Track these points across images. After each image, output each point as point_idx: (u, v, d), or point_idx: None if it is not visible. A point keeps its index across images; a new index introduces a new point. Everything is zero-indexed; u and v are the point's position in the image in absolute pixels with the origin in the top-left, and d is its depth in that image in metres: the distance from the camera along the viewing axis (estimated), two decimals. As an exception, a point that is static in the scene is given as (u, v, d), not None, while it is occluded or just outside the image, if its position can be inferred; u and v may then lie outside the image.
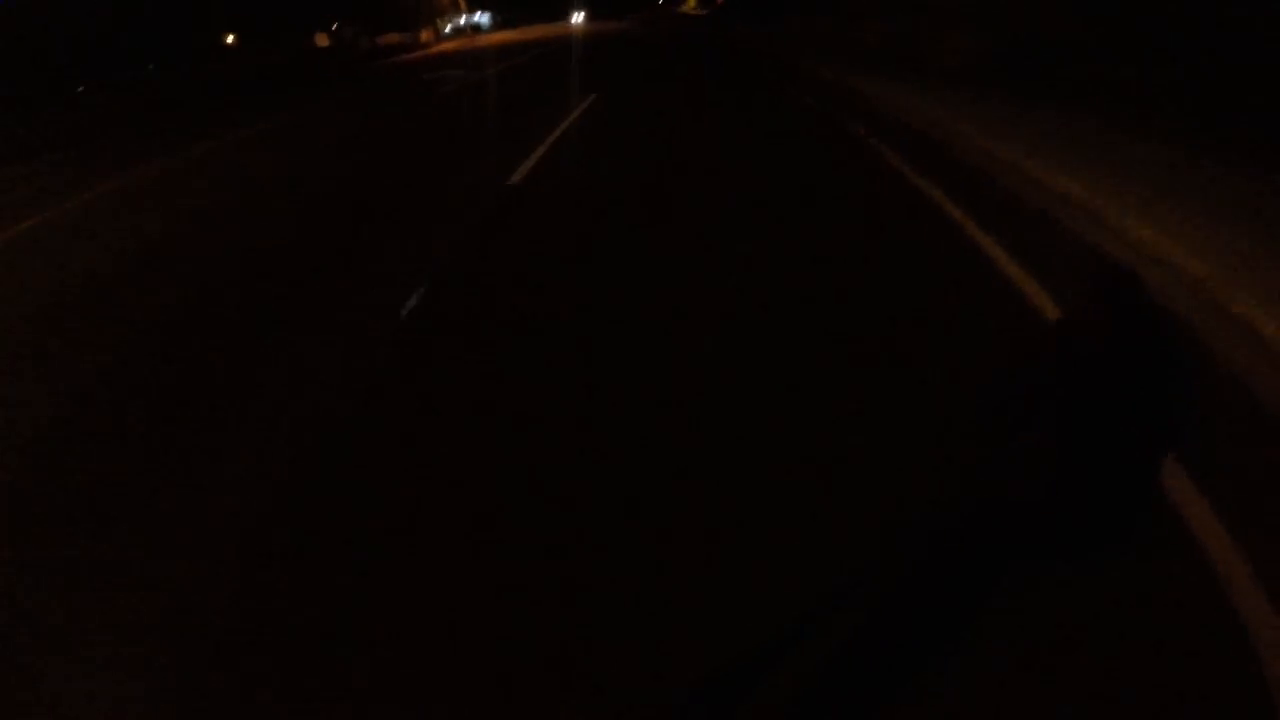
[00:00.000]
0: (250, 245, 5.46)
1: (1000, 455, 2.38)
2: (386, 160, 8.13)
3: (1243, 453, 2.33)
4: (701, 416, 2.69)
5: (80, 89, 30.05)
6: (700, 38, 24.03)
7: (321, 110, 13.53)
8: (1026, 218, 4.60)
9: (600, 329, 3.49)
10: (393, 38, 34.60)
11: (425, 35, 36.94)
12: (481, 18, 50.52)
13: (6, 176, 10.04)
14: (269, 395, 3.20)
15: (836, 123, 8.08)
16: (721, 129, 8.32)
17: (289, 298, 4.32)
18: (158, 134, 12.73)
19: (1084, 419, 2.41)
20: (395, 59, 28.13)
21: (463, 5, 48.95)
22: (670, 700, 1.67)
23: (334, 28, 35.51)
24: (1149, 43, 8.16)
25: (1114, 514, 2.13)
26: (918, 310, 3.41)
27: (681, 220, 5.03)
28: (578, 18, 47.36)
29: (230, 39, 45.40)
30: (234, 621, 2.04)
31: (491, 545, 2.20)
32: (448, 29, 44.56)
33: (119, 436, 3.05)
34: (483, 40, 35.18)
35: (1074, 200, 4.52)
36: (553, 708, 1.70)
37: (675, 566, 2.04)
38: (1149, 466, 2.24)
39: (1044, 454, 2.32)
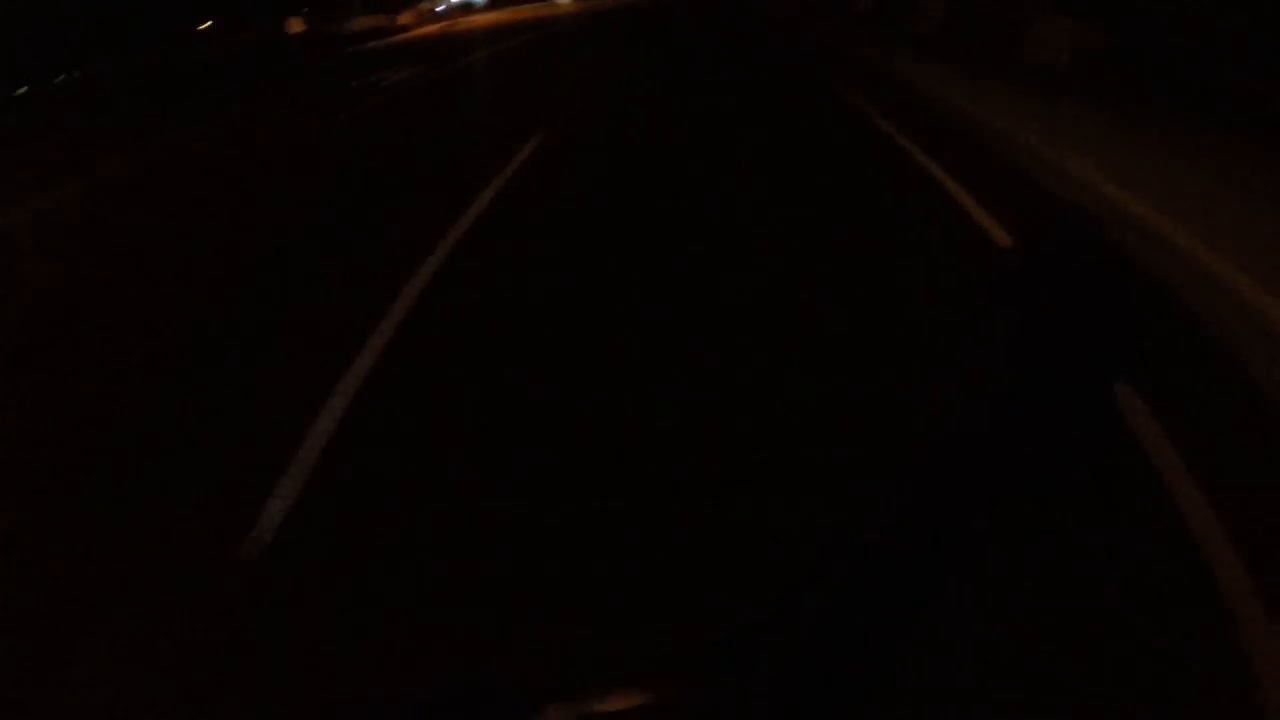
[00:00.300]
0: None
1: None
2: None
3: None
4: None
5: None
6: (720, 18, 19.67)
7: (182, 145, 10.35)
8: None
9: None
10: (364, 21, 31.02)
11: (404, 18, 33.26)
12: (475, -6, 46.32)
13: None
14: None
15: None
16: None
17: None
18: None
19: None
20: (366, 45, 24.97)
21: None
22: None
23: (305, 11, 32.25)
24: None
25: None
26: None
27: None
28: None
29: (206, 24, 42.66)
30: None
31: None
32: (440, 7, 40.84)
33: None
34: (467, 22, 31.63)
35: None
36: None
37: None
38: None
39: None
